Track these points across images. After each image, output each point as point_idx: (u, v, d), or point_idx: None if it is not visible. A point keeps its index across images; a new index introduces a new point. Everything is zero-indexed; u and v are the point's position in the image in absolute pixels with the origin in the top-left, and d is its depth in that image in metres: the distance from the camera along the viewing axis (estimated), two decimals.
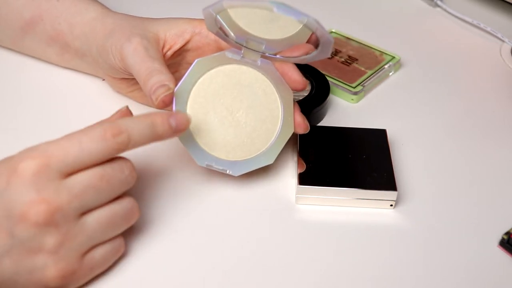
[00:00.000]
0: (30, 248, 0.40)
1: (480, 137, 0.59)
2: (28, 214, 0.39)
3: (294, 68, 0.51)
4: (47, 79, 0.62)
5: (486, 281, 0.46)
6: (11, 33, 0.61)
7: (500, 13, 0.77)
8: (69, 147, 0.41)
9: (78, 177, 0.41)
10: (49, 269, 0.41)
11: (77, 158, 0.41)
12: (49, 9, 0.59)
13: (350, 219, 0.50)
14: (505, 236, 0.48)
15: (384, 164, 0.52)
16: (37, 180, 0.40)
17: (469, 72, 0.68)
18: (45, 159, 0.40)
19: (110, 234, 0.43)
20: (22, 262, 0.40)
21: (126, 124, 0.43)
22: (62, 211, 0.40)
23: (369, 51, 0.67)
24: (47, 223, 0.40)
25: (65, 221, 0.40)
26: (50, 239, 0.40)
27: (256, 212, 0.50)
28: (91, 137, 0.42)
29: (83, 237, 0.42)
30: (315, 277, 0.46)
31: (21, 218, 0.40)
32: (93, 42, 0.56)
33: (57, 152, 0.41)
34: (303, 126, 0.52)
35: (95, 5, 0.58)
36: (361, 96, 0.63)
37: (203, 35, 0.54)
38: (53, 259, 0.41)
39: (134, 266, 0.46)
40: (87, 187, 0.41)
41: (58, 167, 0.40)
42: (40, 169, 0.40)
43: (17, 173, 0.40)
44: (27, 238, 0.40)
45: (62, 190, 0.40)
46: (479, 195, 0.53)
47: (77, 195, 0.41)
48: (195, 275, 0.46)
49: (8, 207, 0.40)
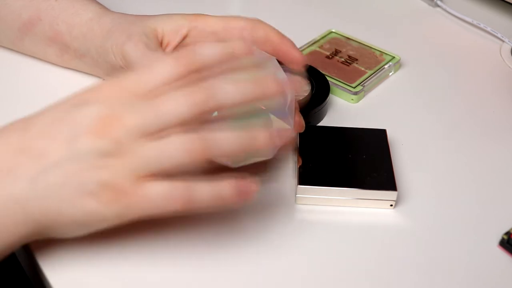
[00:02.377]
0: (87, 163, 0.39)
1: (480, 137, 0.59)
2: (96, 128, 0.39)
3: (291, 45, 0.52)
4: (47, 79, 0.62)
5: (486, 281, 0.46)
6: (11, 34, 0.62)
7: (500, 13, 0.77)
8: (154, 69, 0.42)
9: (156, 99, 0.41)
10: (105, 183, 0.39)
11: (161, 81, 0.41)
12: (47, 10, 0.59)
13: (350, 219, 0.50)
14: (505, 236, 0.48)
15: (384, 164, 0.52)
16: (115, 101, 0.40)
17: (469, 72, 0.68)
18: (125, 81, 0.41)
19: (168, 164, 0.40)
20: (75, 175, 0.40)
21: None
22: (127, 129, 0.40)
23: (369, 51, 0.67)
24: (111, 141, 0.39)
25: (128, 140, 0.40)
26: (110, 157, 0.39)
27: (256, 212, 0.50)
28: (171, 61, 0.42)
29: (139, 159, 0.40)
30: (315, 277, 0.46)
31: (87, 131, 0.39)
32: (91, 43, 0.56)
33: (140, 86, 0.41)
34: (301, 125, 0.52)
35: (93, 5, 0.58)
36: (361, 96, 0.63)
37: (200, 29, 0.54)
38: (110, 174, 0.40)
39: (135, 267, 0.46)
40: (170, 108, 0.40)
41: (140, 95, 0.41)
42: (122, 92, 0.41)
43: (97, 92, 0.41)
44: (87, 153, 0.39)
45: (135, 109, 0.40)
46: (479, 195, 0.53)
47: (144, 116, 0.40)
48: (195, 274, 0.46)
49: (76, 120, 0.40)
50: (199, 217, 0.50)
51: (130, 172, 0.40)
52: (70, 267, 0.45)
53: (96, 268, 0.45)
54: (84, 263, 0.45)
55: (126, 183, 0.40)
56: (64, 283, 0.44)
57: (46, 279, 0.45)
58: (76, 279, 0.44)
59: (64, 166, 0.40)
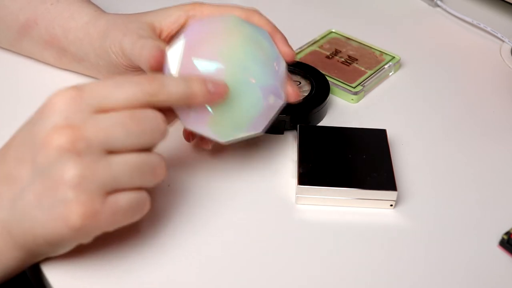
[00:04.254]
0: (52, 179, 0.39)
1: (480, 137, 0.59)
2: (51, 138, 0.39)
3: (283, 39, 0.52)
4: (46, 79, 0.62)
5: (486, 281, 0.46)
6: (10, 35, 0.62)
7: (500, 13, 0.77)
8: (104, 83, 0.41)
9: (109, 114, 0.40)
10: (71, 203, 0.39)
11: (110, 94, 0.41)
12: (43, 13, 0.59)
13: (350, 219, 0.50)
14: (505, 236, 0.48)
15: (384, 164, 0.52)
16: (66, 109, 0.40)
17: (469, 72, 0.68)
18: (79, 90, 0.40)
19: (136, 182, 0.42)
20: (44, 194, 0.39)
21: (162, 76, 0.43)
22: (87, 141, 0.39)
23: (369, 51, 0.67)
24: (69, 150, 0.39)
25: (89, 152, 0.39)
26: (72, 168, 0.39)
27: (256, 212, 0.50)
28: (127, 79, 0.42)
29: (107, 175, 0.40)
30: (315, 277, 0.46)
31: (43, 144, 0.39)
32: (89, 47, 0.56)
33: (91, 86, 0.41)
34: (294, 95, 0.51)
35: (88, 8, 0.58)
36: (361, 96, 0.63)
37: (197, 18, 0.54)
38: (75, 192, 0.39)
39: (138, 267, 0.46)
40: (116, 123, 0.40)
41: (91, 100, 0.40)
42: (72, 99, 0.40)
43: (49, 105, 0.40)
44: (48, 166, 0.39)
45: (90, 121, 0.40)
46: (479, 195, 0.53)
47: (104, 128, 0.40)
48: (195, 274, 0.46)
49: (35, 136, 0.40)
50: (198, 215, 0.50)
51: (96, 188, 0.40)
52: (71, 267, 0.45)
53: (97, 268, 0.45)
54: (84, 263, 0.45)
55: (94, 201, 0.40)
56: (65, 284, 0.44)
57: (46, 279, 0.45)
58: (76, 280, 0.44)
59: (33, 186, 0.40)
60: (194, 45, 0.47)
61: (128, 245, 0.46)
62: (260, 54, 0.48)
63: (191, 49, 0.47)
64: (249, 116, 0.48)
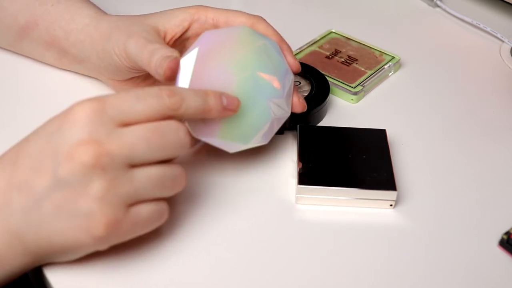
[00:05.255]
0: (74, 191, 0.39)
1: (480, 137, 0.59)
2: (75, 153, 0.39)
3: (289, 50, 0.53)
4: (46, 79, 0.62)
5: (486, 281, 0.46)
6: (9, 37, 0.61)
7: (500, 13, 0.77)
8: (126, 96, 0.41)
9: (131, 128, 0.41)
10: (95, 215, 0.40)
11: (132, 107, 0.41)
12: (43, 14, 0.58)
13: (350, 219, 0.50)
14: (505, 236, 0.48)
15: (384, 164, 0.52)
16: (89, 123, 0.40)
17: (469, 72, 0.68)
18: (100, 103, 0.40)
19: (156, 194, 0.43)
20: (65, 205, 0.40)
21: (180, 89, 0.44)
22: (111, 156, 0.40)
23: (369, 51, 0.67)
24: (94, 165, 0.39)
25: (113, 167, 0.40)
26: (96, 183, 0.39)
27: (256, 212, 0.50)
28: (147, 92, 0.42)
29: (130, 188, 0.41)
30: (315, 277, 0.46)
31: (67, 158, 0.39)
32: (91, 49, 0.56)
33: (113, 99, 0.41)
34: (300, 106, 0.53)
35: (88, 9, 0.58)
36: (361, 96, 0.63)
37: (202, 21, 0.54)
38: (99, 204, 0.40)
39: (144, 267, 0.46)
40: (138, 138, 0.41)
41: (113, 113, 0.41)
42: (94, 113, 0.40)
43: (70, 116, 0.40)
44: (71, 180, 0.39)
45: (113, 136, 0.40)
46: (479, 195, 0.53)
47: (127, 143, 0.40)
48: (194, 274, 0.46)
49: (56, 148, 0.40)
50: (198, 216, 0.50)
51: (119, 200, 0.41)
52: (71, 268, 0.45)
53: (97, 269, 0.45)
54: (87, 265, 0.45)
55: (117, 213, 0.41)
56: (65, 285, 0.44)
57: (47, 280, 0.45)
58: (76, 281, 0.44)
59: (52, 196, 0.40)
60: (207, 55, 0.49)
61: (130, 247, 0.46)
62: (270, 67, 0.50)
63: (203, 60, 0.48)
64: (257, 128, 0.50)
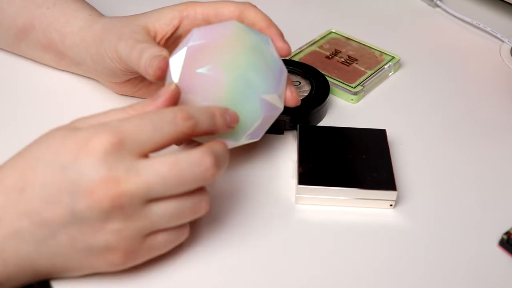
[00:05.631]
0: (92, 226, 0.40)
1: (480, 137, 0.59)
2: (96, 192, 0.39)
3: (278, 34, 0.52)
4: (45, 80, 0.62)
5: (486, 281, 0.46)
6: (8, 39, 0.62)
7: (500, 13, 0.77)
8: (142, 126, 0.40)
9: (150, 162, 0.40)
10: (112, 247, 0.40)
11: (150, 138, 0.40)
12: (40, 17, 0.58)
13: (350, 219, 0.50)
14: (505, 236, 0.48)
15: (384, 164, 0.52)
16: (109, 158, 0.39)
17: (469, 72, 0.68)
18: (119, 136, 0.40)
19: (174, 224, 0.43)
20: (81, 238, 0.40)
21: (193, 111, 0.43)
22: (130, 196, 0.39)
23: (369, 51, 0.67)
24: (113, 205, 0.39)
25: (131, 205, 0.40)
26: (114, 219, 0.40)
27: (256, 212, 0.50)
28: (162, 118, 0.41)
29: (146, 224, 0.41)
30: (315, 277, 0.46)
31: (86, 195, 0.39)
32: (86, 53, 0.56)
33: (131, 130, 0.40)
34: (293, 100, 0.51)
35: (83, 11, 0.58)
36: (361, 96, 0.63)
37: (191, 18, 0.54)
38: (117, 238, 0.40)
39: None
40: (157, 176, 0.40)
41: (132, 146, 0.40)
42: (113, 146, 0.39)
43: (88, 148, 0.39)
44: (90, 215, 0.39)
45: (132, 172, 0.39)
46: (479, 195, 0.53)
47: (146, 181, 0.40)
48: (195, 274, 0.46)
49: (74, 182, 0.39)
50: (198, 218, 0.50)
51: (136, 234, 0.41)
52: (79, 280, 0.44)
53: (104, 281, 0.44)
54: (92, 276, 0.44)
55: (135, 244, 0.41)
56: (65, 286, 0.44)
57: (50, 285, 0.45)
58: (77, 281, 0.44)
59: (69, 230, 0.40)
60: (196, 54, 0.48)
61: None
62: (261, 63, 0.49)
63: (192, 58, 0.48)
64: (249, 126, 0.49)
